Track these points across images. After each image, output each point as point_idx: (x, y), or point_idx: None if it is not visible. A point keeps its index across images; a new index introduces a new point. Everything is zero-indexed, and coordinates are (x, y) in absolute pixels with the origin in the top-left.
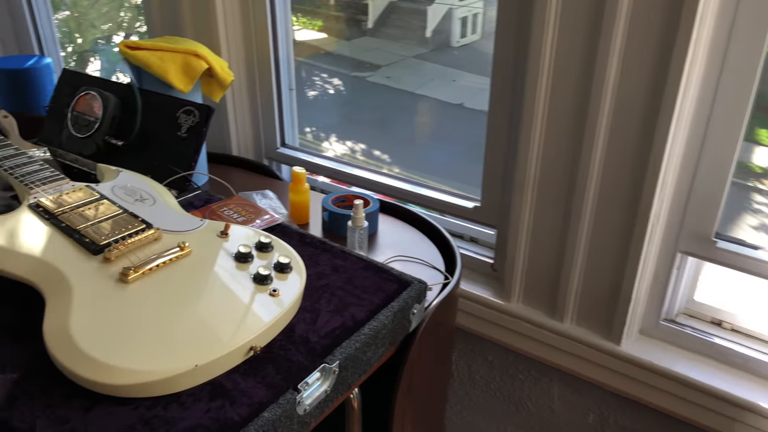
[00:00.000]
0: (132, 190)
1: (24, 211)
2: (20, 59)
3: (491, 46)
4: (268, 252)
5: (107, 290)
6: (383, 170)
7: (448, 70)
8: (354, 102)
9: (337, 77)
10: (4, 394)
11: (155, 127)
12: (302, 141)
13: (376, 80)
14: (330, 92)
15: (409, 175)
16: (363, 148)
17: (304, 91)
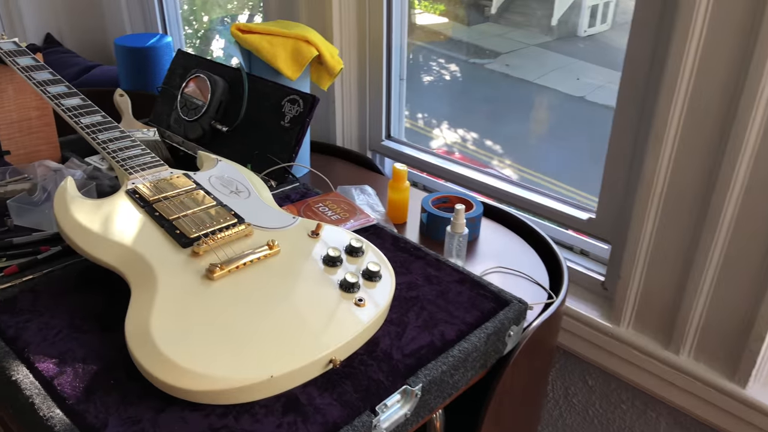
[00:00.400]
0: (228, 181)
1: (121, 196)
2: (142, 37)
3: (621, 37)
4: (358, 257)
5: (191, 287)
6: (493, 161)
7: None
8: (469, 89)
9: (453, 63)
10: (84, 386)
11: (259, 114)
12: (412, 127)
13: (495, 68)
14: (445, 78)
15: (521, 168)
16: (474, 137)
17: (419, 76)
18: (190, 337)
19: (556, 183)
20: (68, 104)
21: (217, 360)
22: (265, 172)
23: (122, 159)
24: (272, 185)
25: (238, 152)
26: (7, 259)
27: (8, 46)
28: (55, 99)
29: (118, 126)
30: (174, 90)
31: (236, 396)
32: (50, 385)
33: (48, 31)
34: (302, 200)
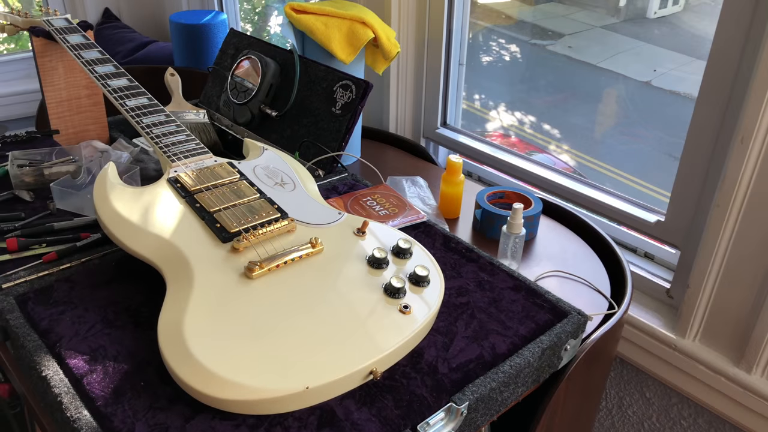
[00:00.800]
0: (273, 171)
1: (162, 184)
2: (198, 14)
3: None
4: (405, 259)
5: (229, 286)
6: (551, 146)
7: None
8: (529, 71)
9: (514, 43)
10: (113, 387)
11: (310, 99)
12: (468, 109)
13: (557, 49)
14: (505, 59)
15: (579, 154)
16: (532, 121)
17: (478, 56)
18: (224, 340)
19: (616, 171)
20: (115, 85)
21: (251, 367)
22: (313, 161)
23: (165, 145)
24: (320, 174)
25: (287, 139)
26: (47, 245)
27: (59, 23)
28: (102, 79)
29: (164, 110)
30: (225, 71)
31: (269, 407)
32: (79, 384)
33: (107, 6)
34: (350, 192)
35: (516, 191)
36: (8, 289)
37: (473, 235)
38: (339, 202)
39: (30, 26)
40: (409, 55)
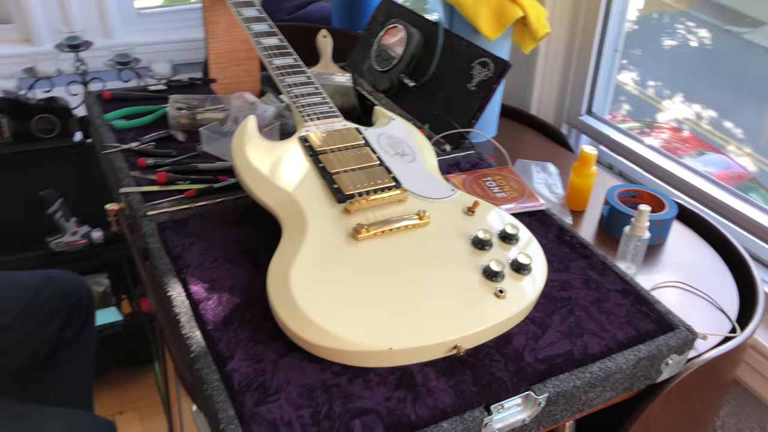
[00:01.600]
0: (397, 141)
1: (293, 142)
2: None
3: None
4: (510, 244)
5: (336, 243)
6: (729, 146)
7: None
8: (718, 61)
9: (705, 28)
10: (223, 316)
11: (448, 73)
12: (640, 96)
13: (754, 39)
14: (691, 45)
15: (762, 159)
16: (712, 116)
17: (659, 40)
18: (323, 292)
19: None
20: (266, 43)
21: (342, 319)
22: (441, 135)
23: (302, 105)
24: (447, 149)
25: (420, 110)
26: (190, 183)
27: None
28: (256, 36)
29: (306, 71)
30: (372, 37)
31: (354, 359)
32: (196, 308)
33: None
34: (472, 171)
35: (651, 192)
36: (152, 216)
37: (597, 232)
38: (458, 178)
39: None
40: (560, 36)
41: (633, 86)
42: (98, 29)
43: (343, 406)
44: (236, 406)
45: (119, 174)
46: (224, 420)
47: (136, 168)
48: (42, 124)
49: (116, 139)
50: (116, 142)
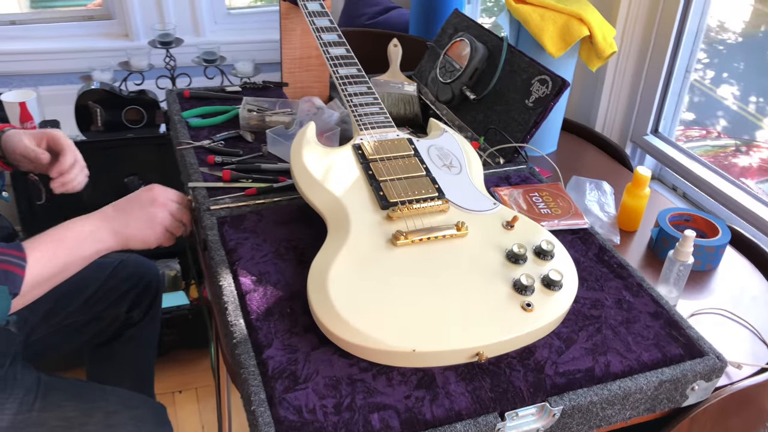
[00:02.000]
0: (446, 153)
1: (347, 148)
2: None
3: None
4: (545, 260)
5: (375, 247)
6: None
7: None
8: None
9: None
10: (266, 307)
11: (508, 88)
12: (739, 111)
13: None
14: None
15: None
16: None
17: (766, 55)
18: (357, 292)
19: None
20: (333, 53)
21: (372, 320)
22: (495, 148)
23: (359, 114)
24: (500, 162)
25: (478, 122)
26: (252, 181)
27: None
28: (324, 46)
29: (367, 82)
30: (440, 49)
31: (378, 357)
32: (243, 298)
33: None
34: (520, 185)
35: (705, 216)
36: (214, 211)
37: (646, 254)
38: (505, 191)
39: None
40: (630, 55)
41: (732, 101)
42: (189, 27)
43: (364, 400)
44: (267, 391)
45: (189, 169)
46: (255, 402)
47: (205, 164)
48: (131, 115)
49: (191, 136)
50: (190, 138)
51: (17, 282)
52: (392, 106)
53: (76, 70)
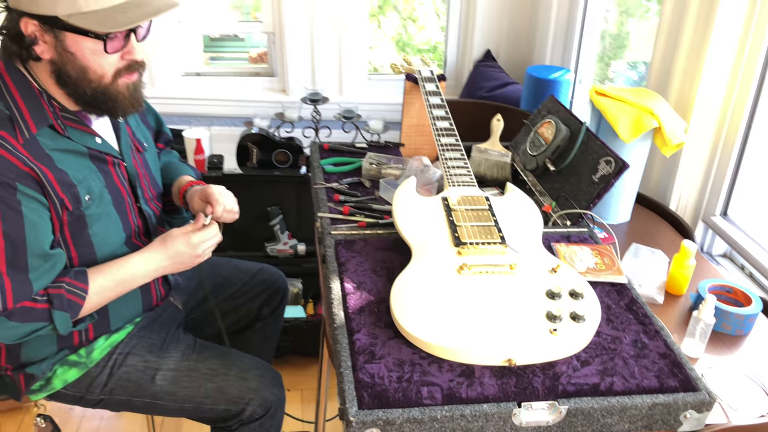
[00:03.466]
0: (515, 210)
1: (437, 198)
2: (549, 69)
3: None
4: (575, 300)
5: (444, 273)
6: None
7: None
8: None
9: None
10: (360, 305)
11: (580, 164)
12: None
13: None
14: None
15: None
16: None
17: None
18: (425, 302)
19: None
20: (439, 125)
21: (432, 322)
22: (563, 212)
23: (450, 174)
24: (567, 223)
25: (555, 189)
26: (364, 217)
27: (426, 73)
28: (434, 119)
29: (461, 149)
30: (532, 126)
31: (434, 350)
32: (345, 297)
33: (488, 48)
34: (577, 243)
35: (743, 290)
36: (333, 235)
37: (686, 315)
38: (561, 246)
39: (407, 72)
40: (703, 141)
41: None
42: (335, 88)
43: (419, 377)
44: (353, 361)
45: (320, 203)
46: (344, 367)
47: (332, 200)
48: (280, 157)
49: (324, 178)
50: (324, 180)
51: (77, 309)
52: (488, 169)
53: (241, 115)
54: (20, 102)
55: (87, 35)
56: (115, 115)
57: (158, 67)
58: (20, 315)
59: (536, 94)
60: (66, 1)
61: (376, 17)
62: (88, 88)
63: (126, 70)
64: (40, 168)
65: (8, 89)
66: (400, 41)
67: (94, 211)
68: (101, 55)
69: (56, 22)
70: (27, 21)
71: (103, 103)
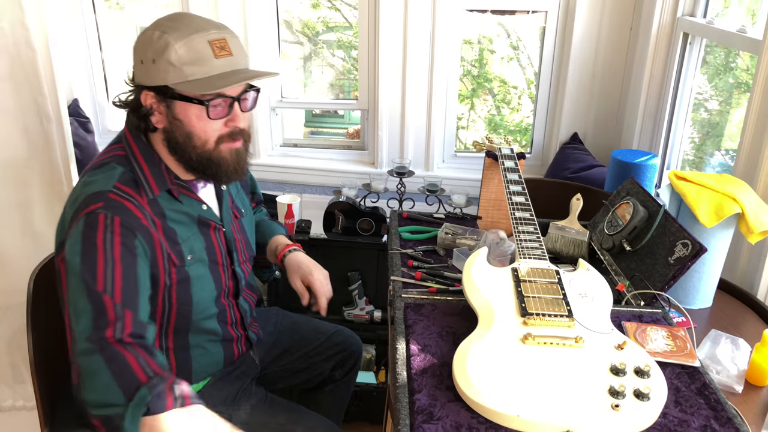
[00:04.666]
0: (585, 286)
1: (507, 269)
2: (635, 154)
3: None
4: (642, 378)
5: (508, 342)
6: None
7: None
8: None
9: None
10: (423, 367)
11: (657, 245)
12: None
13: None
14: None
15: None
16: None
17: None
18: (487, 369)
19: None
20: (515, 200)
21: (493, 389)
22: (636, 292)
23: (522, 246)
24: (640, 303)
25: (628, 269)
26: (436, 283)
27: (506, 151)
28: (510, 194)
29: (535, 224)
30: (611, 206)
31: (492, 416)
32: (409, 358)
33: (575, 131)
34: (650, 323)
35: None
36: (404, 298)
37: (767, 407)
38: (632, 325)
39: (488, 149)
40: None
41: None
42: (421, 162)
43: None
44: (411, 420)
45: (394, 267)
46: (402, 425)
47: (405, 266)
48: (364, 225)
49: (400, 245)
50: (400, 246)
51: (161, 406)
52: (564, 246)
53: (331, 185)
54: (145, 168)
55: (192, 101)
56: (219, 180)
57: (260, 137)
58: (113, 357)
59: (621, 177)
60: (175, 72)
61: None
62: (194, 152)
63: (228, 137)
64: (156, 224)
65: (135, 156)
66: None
67: (194, 272)
68: (205, 121)
69: (167, 91)
70: (146, 94)
71: (208, 168)
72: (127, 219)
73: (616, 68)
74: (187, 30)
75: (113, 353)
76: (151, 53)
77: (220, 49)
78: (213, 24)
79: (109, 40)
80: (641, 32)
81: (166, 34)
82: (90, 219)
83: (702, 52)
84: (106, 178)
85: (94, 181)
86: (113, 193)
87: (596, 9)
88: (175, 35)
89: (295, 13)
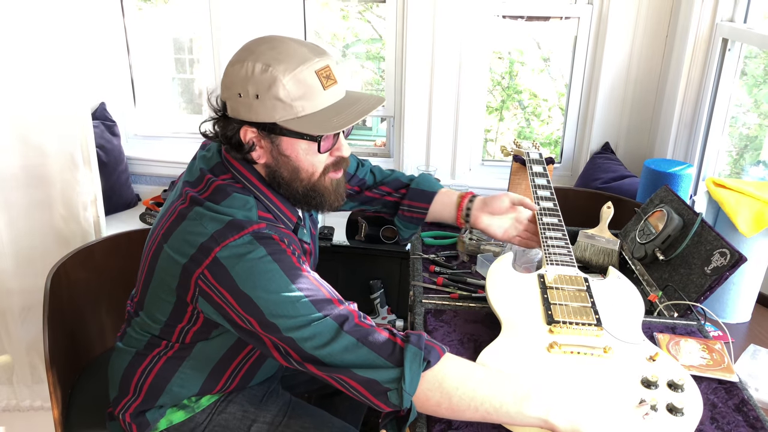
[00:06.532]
0: (615, 294)
1: (533, 276)
2: (669, 163)
3: None
4: (675, 391)
5: (532, 349)
6: None
7: None
8: None
9: None
10: None
11: (692, 255)
12: None
13: None
14: None
15: None
16: None
17: None
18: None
19: None
20: (543, 205)
21: None
22: (669, 303)
23: (550, 253)
24: (674, 315)
25: (661, 279)
26: (457, 289)
27: (534, 155)
28: (538, 199)
29: (563, 229)
30: (644, 214)
31: (513, 426)
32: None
33: (607, 140)
34: (683, 335)
35: None
36: (424, 303)
37: None
38: (665, 336)
39: (515, 154)
40: None
41: None
42: (448, 170)
43: None
44: (428, 428)
45: (415, 272)
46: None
47: (427, 271)
48: (387, 233)
49: (422, 250)
50: (422, 251)
51: (434, 355)
52: (594, 255)
53: None
54: (274, 199)
55: (302, 138)
56: (321, 209)
57: None
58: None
59: (654, 187)
60: (284, 108)
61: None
62: (300, 186)
63: (333, 166)
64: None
65: (257, 188)
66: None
67: None
68: (314, 155)
69: (274, 128)
70: (246, 129)
71: (312, 199)
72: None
73: (650, 75)
74: (293, 61)
75: (364, 333)
76: (252, 88)
77: (326, 78)
78: (311, 48)
79: (137, 44)
80: (678, 38)
81: (271, 67)
82: (259, 238)
83: (741, 59)
84: (244, 210)
85: (227, 212)
86: (260, 223)
87: (631, 15)
88: (282, 68)
89: (324, 25)
